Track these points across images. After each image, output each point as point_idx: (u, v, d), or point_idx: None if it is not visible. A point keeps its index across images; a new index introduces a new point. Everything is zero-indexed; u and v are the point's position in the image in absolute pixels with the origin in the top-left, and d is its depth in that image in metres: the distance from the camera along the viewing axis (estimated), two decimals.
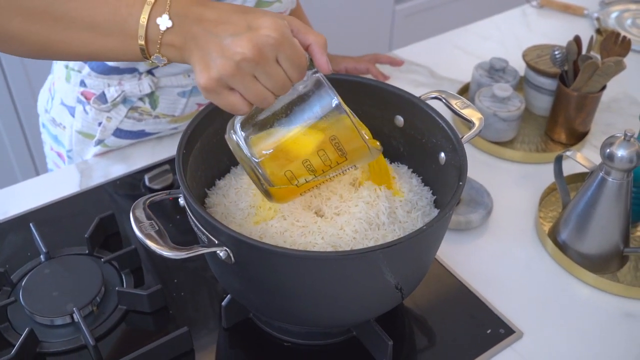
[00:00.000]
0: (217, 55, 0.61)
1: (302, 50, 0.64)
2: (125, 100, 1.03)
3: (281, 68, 0.63)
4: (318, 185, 0.73)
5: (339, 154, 0.69)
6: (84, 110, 1.05)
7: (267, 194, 0.71)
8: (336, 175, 0.72)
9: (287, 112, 0.67)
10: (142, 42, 0.64)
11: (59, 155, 1.15)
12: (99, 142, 1.07)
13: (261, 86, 0.63)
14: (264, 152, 0.68)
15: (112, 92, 1.02)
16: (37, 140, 1.96)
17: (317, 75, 0.67)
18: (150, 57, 0.66)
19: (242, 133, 0.68)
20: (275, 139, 0.68)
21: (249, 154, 0.68)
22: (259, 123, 0.68)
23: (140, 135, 1.09)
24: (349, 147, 0.69)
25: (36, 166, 2.07)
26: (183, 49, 0.64)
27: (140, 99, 1.04)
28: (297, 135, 0.67)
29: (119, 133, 1.07)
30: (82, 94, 1.04)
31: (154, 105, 1.05)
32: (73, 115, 1.06)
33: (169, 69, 1.02)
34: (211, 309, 0.85)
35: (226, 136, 0.70)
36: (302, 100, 0.67)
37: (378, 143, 0.74)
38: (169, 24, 0.63)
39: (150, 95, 1.04)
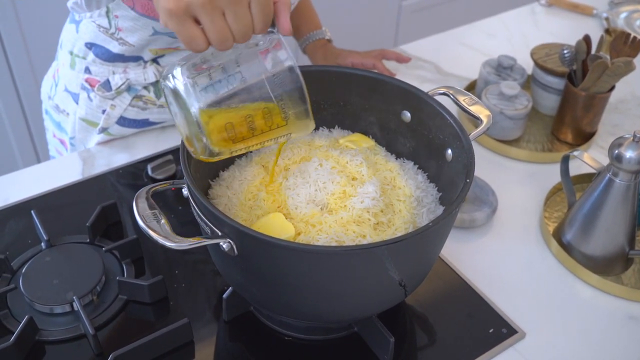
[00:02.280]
0: None
1: (272, 3, 0.63)
2: (129, 88, 1.03)
3: (250, 13, 0.61)
4: (250, 147, 0.70)
5: (282, 115, 0.67)
6: (88, 97, 1.04)
7: (199, 149, 0.67)
8: (269, 141, 0.69)
9: (238, 66, 0.65)
10: None
11: (62, 142, 1.14)
12: (103, 129, 1.06)
13: (226, 25, 0.61)
14: (207, 100, 0.64)
15: (116, 80, 1.01)
16: (39, 127, 1.96)
17: (277, 36, 0.66)
18: None
19: (186, 79, 0.64)
20: (222, 89, 0.64)
21: (189, 102, 0.63)
22: (204, 73, 0.65)
23: (144, 124, 1.08)
24: (293, 110, 0.67)
25: (38, 153, 2.06)
26: None
27: (145, 87, 1.03)
28: (245, 89, 0.65)
29: (122, 121, 1.06)
30: (86, 80, 1.03)
31: (158, 94, 1.04)
32: (77, 102, 1.06)
33: (174, 57, 1.01)
34: (212, 301, 0.84)
35: (162, 82, 0.66)
36: (255, 56, 0.65)
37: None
38: None
39: (155, 84, 1.03)
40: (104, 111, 1.05)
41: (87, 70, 1.02)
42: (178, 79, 0.64)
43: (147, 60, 1.01)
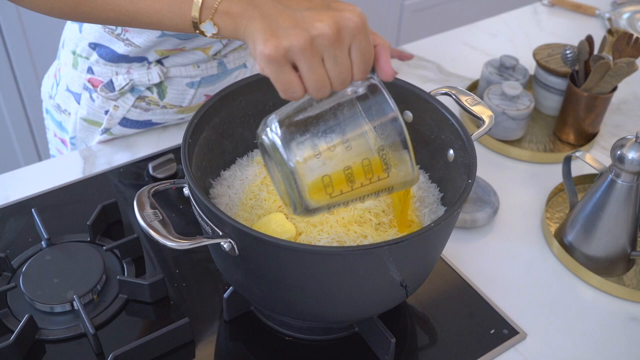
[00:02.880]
0: (290, 25, 0.56)
1: (373, 47, 0.60)
2: (133, 89, 1.02)
3: (349, 59, 0.58)
4: (349, 203, 0.65)
5: (383, 167, 0.62)
6: (91, 97, 1.04)
7: (296, 205, 0.64)
8: (369, 196, 0.65)
9: (336, 117, 0.61)
10: (199, 2, 0.60)
11: (63, 141, 1.14)
12: (105, 130, 1.06)
13: (324, 71, 0.57)
14: (304, 155, 0.61)
15: (120, 81, 1.01)
16: (40, 125, 1.96)
17: (374, 81, 0.61)
18: (200, 23, 0.61)
19: (282, 133, 0.61)
20: (319, 142, 0.61)
21: (286, 156, 0.60)
22: (301, 123, 0.61)
23: (146, 124, 1.08)
24: (394, 162, 0.62)
25: (39, 151, 2.06)
26: (240, 18, 0.59)
27: (148, 88, 1.03)
28: (343, 141, 0.61)
29: (125, 122, 1.06)
30: (89, 81, 1.03)
31: (161, 95, 1.04)
32: (78, 102, 1.05)
33: (178, 59, 1.01)
34: (212, 300, 0.84)
35: (261, 135, 0.63)
36: (353, 106, 0.61)
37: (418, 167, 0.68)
38: None
39: (159, 85, 1.03)
40: (106, 112, 1.04)
41: (90, 70, 1.02)
42: (275, 132, 0.61)
43: (151, 61, 1.00)
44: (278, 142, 0.61)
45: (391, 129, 0.61)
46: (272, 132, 0.61)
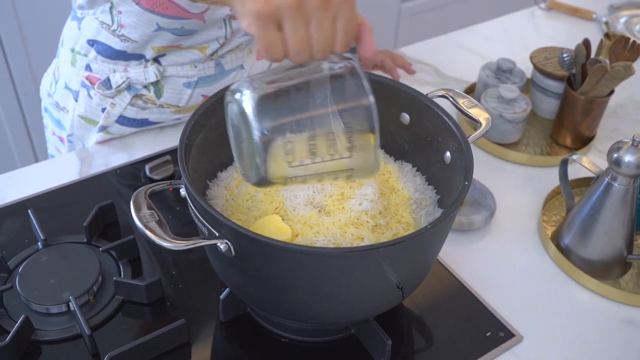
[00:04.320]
0: None
1: (357, 21, 0.61)
2: (130, 87, 1.03)
3: (333, 28, 0.60)
4: (306, 180, 0.66)
5: (347, 146, 0.63)
6: (88, 95, 1.04)
7: (252, 173, 0.64)
8: (328, 175, 0.66)
9: (307, 88, 0.61)
10: None
11: (61, 139, 1.14)
12: (102, 128, 1.06)
13: (307, 36, 0.59)
14: (272, 122, 0.61)
15: (117, 78, 1.01)
16: (37, 125, 1.95)
17: (354, 63, 0.62)
18: None
19: (250, 96, 0.61)
20: (287, 112, 0.61)
21: (252, 120, 0.60)
22: (272, 91, 0.61)
23: (143, 123, 1.08)
24: (359, 144, 0.63)
25: (35, 152, 2.06)
26: None
27: (146, 87, 1.03)
28: (313, 114, 0.61)
29: (122, 120, 1.06)
30: (87, 78, 1.03)
31: (158, 94, 1.04)
32: (76, 100, 1.06)
33: (175, 57, 1.01)
34: (209, 302, 0.84)
35: (229, 96, 0.63)
36: (326, 82, 0.61)
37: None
38: None
39: (156, 84, 1.03)
40: (103, 109, 1.05)
41: (88, 67, 1.02)
42: (244, 96, 0.61)
43: (148, 59, 1.01)
44: (247, 105, 0.61)
45: (362, 113, 0.62)
46: (241, 95, 0.62)
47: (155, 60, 1.01)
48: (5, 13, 1.76)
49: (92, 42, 1.00)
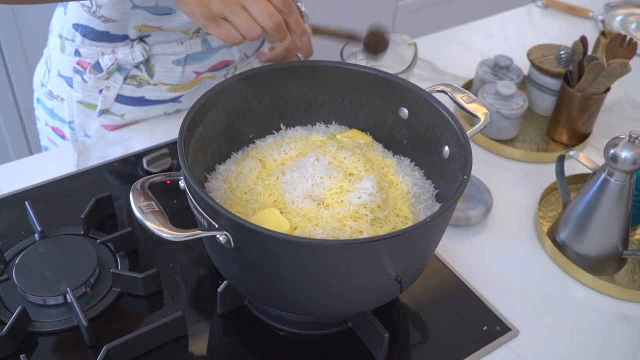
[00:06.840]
0: None
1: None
2: (120, 68, 1.03)
3: (270, 4, 0.74)
4: None
5: None
6: (82, 79, 1.05)
7: None
8: None
9: None
10: None
11: (54, 129, 1.14)
12: (102, 112, 1.07)
13: (248, 15, 0.73)
14: None
15: (106, 61, 1.02)
16: (32, 118, 1.94)
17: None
18: None
19: None
20: None
21: None
22: None
23: (141, 102, 1.08)
24: None
25: (30, 145, 2.05)
26: None
27: (137, 67, 1.04)
28: None
29: (121, 99, 1.07)
30: (78, 63, 1.04)
31: (150, 73, 1.05)
32: (71, 86, 1.06)
33: (160, 37, 1.02)
34: (206, 295, 0.84)
35: None
36: None
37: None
38: None
39: (146, 63, 1.04)
40: (100, 91, 1.05)
41: (77, 52, 1.03)
42: None
43: (133, 39, 1.01)
44: None
45: None
46: None
47: (141, 39, 1.02)
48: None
49: (76, 27, 1.01)
